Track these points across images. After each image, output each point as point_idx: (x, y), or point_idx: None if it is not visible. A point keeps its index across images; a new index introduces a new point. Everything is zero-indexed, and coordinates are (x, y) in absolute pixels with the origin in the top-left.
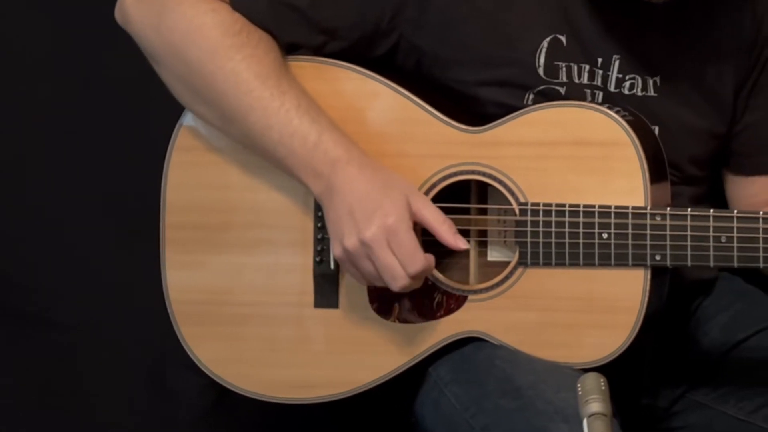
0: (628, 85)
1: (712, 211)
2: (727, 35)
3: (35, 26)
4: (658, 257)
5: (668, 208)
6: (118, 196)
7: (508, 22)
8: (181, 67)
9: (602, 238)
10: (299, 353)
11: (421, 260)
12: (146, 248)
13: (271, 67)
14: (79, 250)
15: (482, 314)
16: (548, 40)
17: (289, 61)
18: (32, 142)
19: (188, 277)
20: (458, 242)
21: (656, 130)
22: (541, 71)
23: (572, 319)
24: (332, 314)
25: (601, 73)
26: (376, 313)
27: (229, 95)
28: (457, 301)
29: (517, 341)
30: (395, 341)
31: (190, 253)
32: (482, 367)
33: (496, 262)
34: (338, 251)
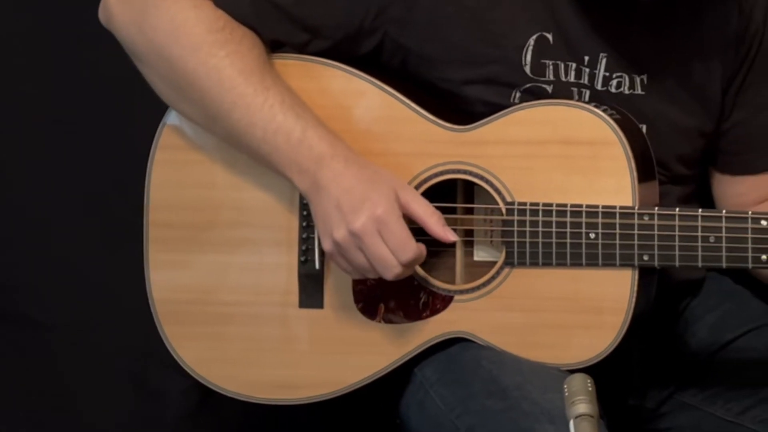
0: (615, 83)
1: (700, 210)
2: (714, 32)
3: (17, 26)
4: (645, 257)
5: (656, 207)
6: (101, 194)
7: (494, 20)
8: (163, 64)
9: (589, 238)
10: (284, 353)
11: (413, 248)
12: (129, 247)
13: (254, 63)
14: (61, 249)
15: (468, 315)
16: (534, 38)
17: (274, 59)
18: (14, 141)
19: (172, 276)
20: (447, 234)
21: (643, 128)
22: (527, 69)
23: (559, 319)
24: (317, 314)
25: (588, 71)
26: (361, 313)
27: (212, 92)
28: (443, 301)
29: (503, 342)
30: (381, 342)
31: (173, 252)
32: (468, 367)
33: (482, 262)
34: (328, 245)
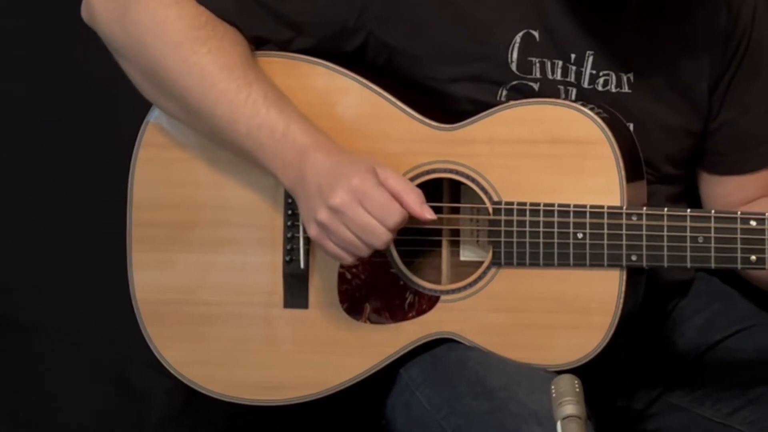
0: (602, 81)
1: (689, 210)
2: (702, 30)
3: None
4: (634, 258)
5: (644, 207)
6: (83, 193)
7: (479, 16)
8: (145, 61)
9: (577, 237)
10: (268, 354)
11: (397, 210)
12: (113, 247)
13: (236, 59)
14: (44, 248)
15: (455, 315)
16: (521, 35)
17: (257, 56)
18: None
19: (155, 276)
20: (425, 212)
21: (631, 127)
22: (513, 67)
23: (546, 320)
24: (302, 314)
25: (574, 69)
26: (346, 313)
27: (194, 89)
28: (429, 301)
29: (490, 342)
30: (366, 342)
31: (157, 251)
32: (454, 368)
33: (469, 262)
34: (313, 231)
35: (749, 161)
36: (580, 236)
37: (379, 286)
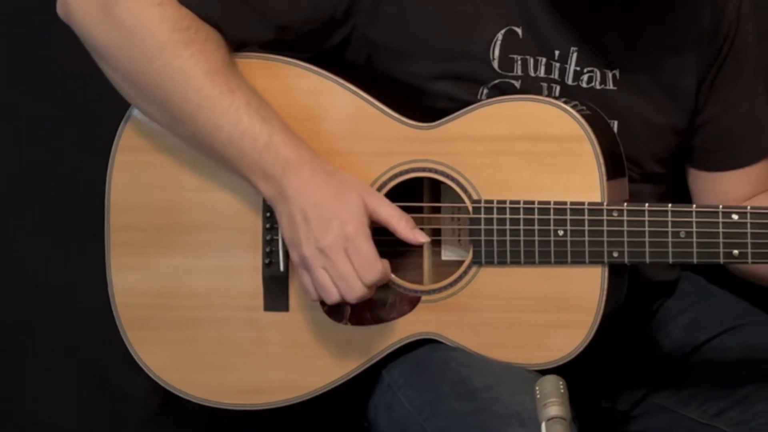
0: (586, 78)
1: (670, 205)
2: (687, 27)
3: None
4: (615, 254)
5: (625, 203)
6: (61, 195)
7: (462, 13)
8: (126, 63)
9: (558, 235)
10: (248, 358)
11: (378, 267)
12: (92, 249)
13: (220, 64)
14: (23, 251)
15: (436, 315)
16: (503, 32)
17: (236, 58)
18: None
19: (134, 280)
20: (417, 237)
21: (615, 124)
22: (495, 64)
23: (528, 319)
24: (282, 317)
25: (558, 66)
26: (327, 315)
27: (176, 94)
28: (410, 302)
29: (472, 342)
30: (347, 344)
31: (136, 255)
32: (437, 369)
33: (450, 261)
34: (296, 258)
35: (736, 157)
36: (560, 233)
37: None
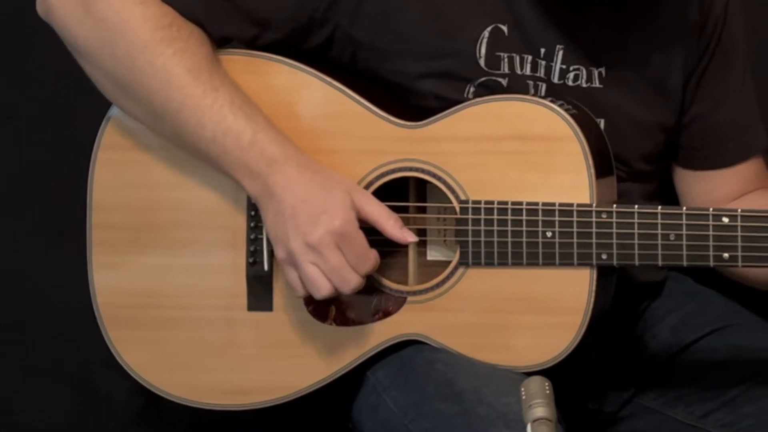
0: (572, 76)
1: (660, 208)
2: (674, 23)
3: None
4: (604, 256)
5: (614, 205)
6: (42, 194)
7: (447, 11)
8: (108, 62)
9: (546, 236)
10: (232, 358)
11: (372, 258)
12: (73, 248)
13: (203, 61)
14: (3, 249)
15: (422, 316)
16: (489, 29)
17: (219, 54)
18: None
19: (116, 279)
20: (406, 236)
21: (602, 122)
22: (482, 62)
23: (515, 320)
24: (266, 317)
25: (544, 64)
26: (311, 315)
27: (159, 92)
28: (395, 302)
29: (458, 344)
30: (332, 345)
31: (118, 254)
32: (422, 370)
33: (436, 261)
34: (281, 254)
35: (724, 155)
36: (549, 235)
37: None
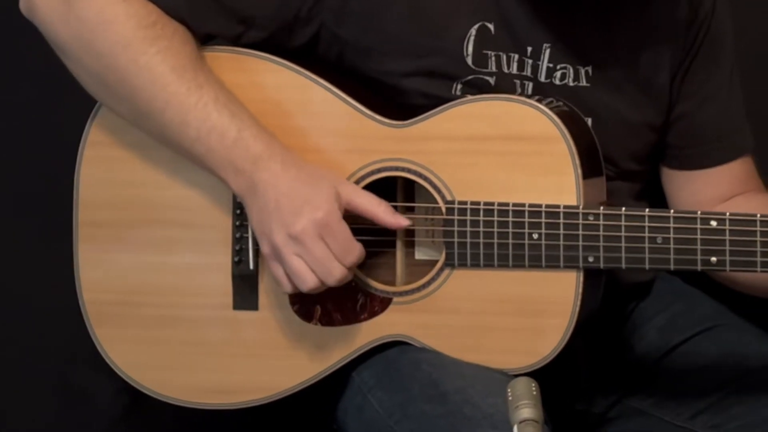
0: (559, 75)
1: (647, 210)
2: (662, 21)
3: None
4: (591, 259)
5: (602, 207)
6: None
7: (434, 9)
8: (92, 60)
9: (532, 238)
10: (217, 357)
11: (356, 249)
12: (58, 246)
13: (187, 59)
14: None
15: (407, 317)
16: (476, 27)
17: (204, 51)
18: None
19: (103, 276)
20: (399, 221)
21: (589, 122)
22: (469, 60)
23: (501, 322)
24: (252, 316)
25: (530, 62)
26: (297, 315)
27: (143, 90)
28: (381, 303)
29: (443, 346)
30: (317, 345)
31: (104, 251)
32: (407, 371)
33: (424, 261)
34: (266, 248)
35: (710, 155)
36: (535, 237)
37: (330, 287)
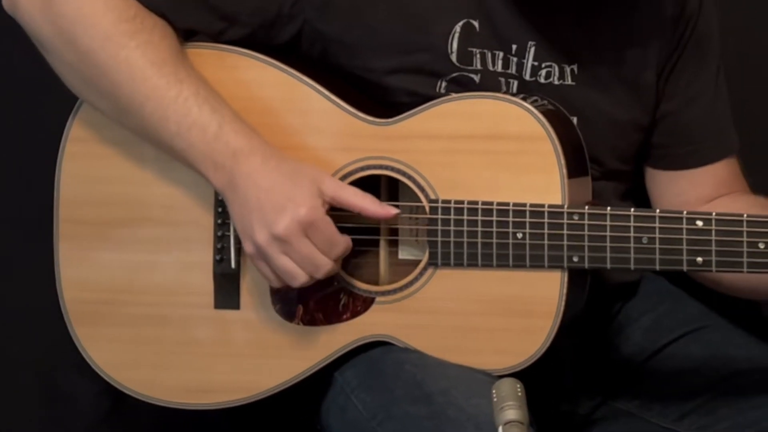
0: (544, 73)
1: (632, 210)
2: (648, 20)
3: None
4: (575, 259)
5: (587, 206)
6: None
7: (418, 5)
8: (72, 55)
9: (517, 237)
10: (199, 357)
11: (342, 241)
12: (38, 244)
13: (167, 54)
14: None
15: (390, 317)
16: (461, 24)
17: (186, 48)
18: None
19: (84, 275)
20: (388, 210)
21: (574, 120)
22: (453, 58)
23: (486, 323)
24: (233, 316)
25: (515, 60)
26: (279, 314)
27: (123, 85)
28: (364, 302)
29: (427, 346)
30: (299, 344)
31: (85, 249)
32: (391, 371)
33: (407, 260)
34: (249, 248)
35: (695, 155)
36: (519, 236)
37: (312, 286)
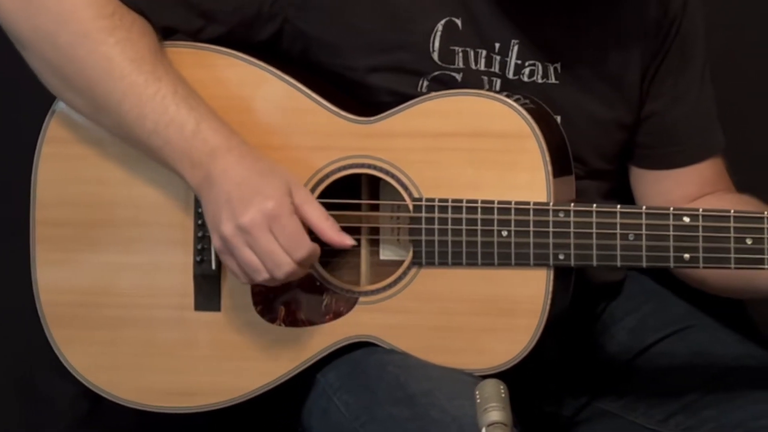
0: (527, 71)
1: (619, 207)
2: (632, 18)
3: None
4: (561, 256)
5: (572, 203)
6: None
7: (400, 3)
8: (49, 52)
9: (502, 236)
10: (179, 359)
11: (306, 244)
12: (14, 246)
13: (146, 51)
14: None
15: (373, 317)
16: (443, 23)
17: (165, 46)
18: None
19: (60, 277)
20: (344, 239)
21: (558, 119)
22: (435, 56)
23: (470, 322)
24: (214, 317)
25: (498, 59)
26: (260, 316)
27: (100, 81)
28: (346, 303)
29: (410, 346)
30: (281, 346)
31: (62, 251)
32: (373, 373)
33: (389, 261)
34: (216, 241)
35: (680, 154)
36: (504, 234)
37: (294, 287)
